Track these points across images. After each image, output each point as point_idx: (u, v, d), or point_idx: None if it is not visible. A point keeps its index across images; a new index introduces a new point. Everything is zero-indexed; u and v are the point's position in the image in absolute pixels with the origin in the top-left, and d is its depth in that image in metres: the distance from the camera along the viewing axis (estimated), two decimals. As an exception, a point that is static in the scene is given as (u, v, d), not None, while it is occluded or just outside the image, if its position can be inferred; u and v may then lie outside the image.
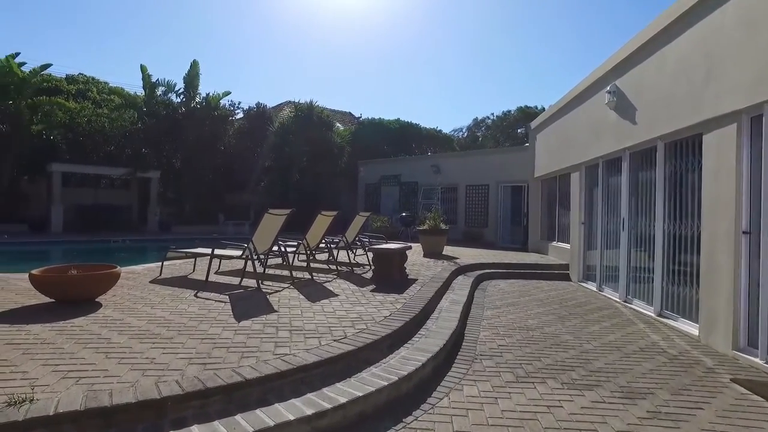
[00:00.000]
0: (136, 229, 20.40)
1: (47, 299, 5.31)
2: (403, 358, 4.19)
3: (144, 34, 72.88)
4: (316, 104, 23.16)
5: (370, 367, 3.91)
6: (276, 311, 5.25)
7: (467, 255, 12.61)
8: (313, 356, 3.72)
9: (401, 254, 7.93)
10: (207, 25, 75.26)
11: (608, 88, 7.82)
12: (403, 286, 7.29)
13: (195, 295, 5.94)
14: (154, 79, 20.93)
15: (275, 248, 7.21)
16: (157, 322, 4.59)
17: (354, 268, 8.83)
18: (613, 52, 8.03)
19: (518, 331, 5.74)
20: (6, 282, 6.70)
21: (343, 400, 3.19)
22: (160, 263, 7.93)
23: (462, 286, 8.34)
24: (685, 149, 6.06)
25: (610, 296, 8.19)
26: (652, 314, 6.60)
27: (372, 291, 6.78)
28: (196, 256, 7.50)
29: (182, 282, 6.97)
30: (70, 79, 23.61)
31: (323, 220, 7.83)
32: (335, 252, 8.78)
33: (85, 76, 24.50)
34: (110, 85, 24.38)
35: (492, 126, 40.30)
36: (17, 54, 18.85)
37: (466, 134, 42.48)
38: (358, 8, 71.09)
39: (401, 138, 28.76)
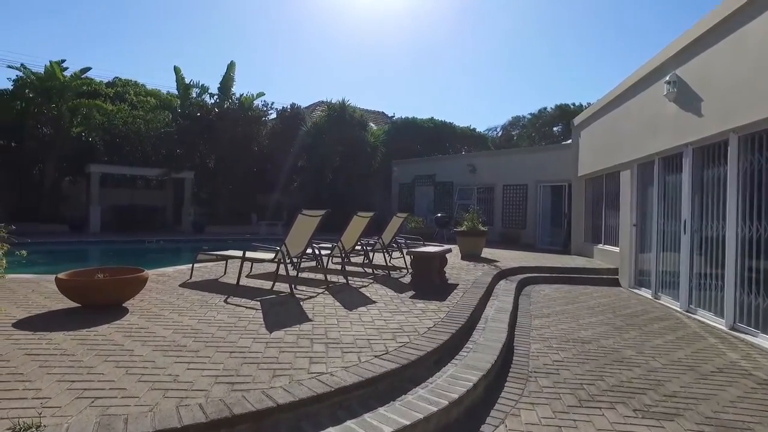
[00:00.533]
0: (171, 230, 20.54)
1: (74, 303, 5.08)
2: (451, 377, 3.74)
3: (178, 37, 74.36)
4: (349, 103, 22.87)
5: (416, 388, 3.48)
6: (310, 320, 4.88)
7: (507, 258, 12.04)
8: (353, 376, 3.31)
9: (441, 258, 7.47)
10: (240, 28, 76.25)
11: (667, 78, 7.16)
12: (444, 291, 6.84)
13: (225, 301, 5.63)
14: (187, 81, 21.04)
15: (309, 251, 6.85)
16: (184, 332, 4.27)
17: (391, 272, 8.42)
18: (661, 44, 7.38)
19: (572, 344, 5.21)
20: (37, 284, 6.55)
21: (387, 430, 2.77)
22: (190, 266, 7.69)
23: (506, 292, 7.82)
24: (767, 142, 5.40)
25: (668, 305, 7.53)
26: (723, 327, 5.94)
27: (412, 297, 6.35)
28: (226, 258, 7.23)
29: (212, 286, 6.69)
30: (109, 83, 24.02)
31: (359, 222, 7.44)
32: (371, 255, 8.38)
33: (122, 79, 24.90)
34: (146, 87, 24.72)
35: (527, 124, 39.27)
36: (63, 60, 19.26)
37: (500, 133, 41.57)
38: (390, 8, 70.72)
39: (435, 137, 28.23)
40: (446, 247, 8.44)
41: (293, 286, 6.37)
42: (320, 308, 5.47)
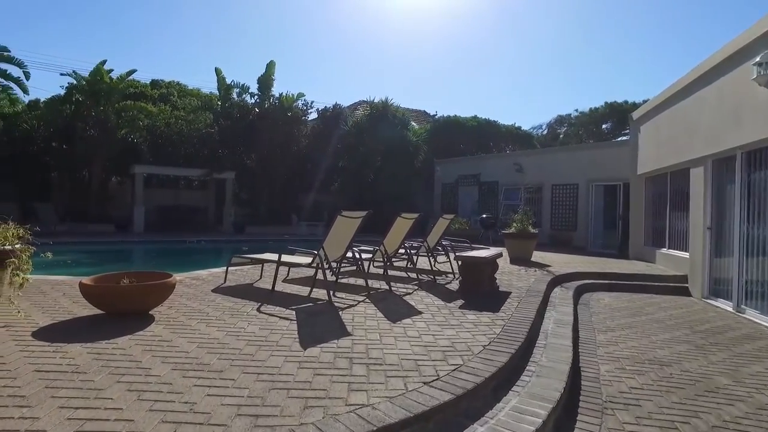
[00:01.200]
0: (212, 230, 20.58)
1: (99, 310, 4.75)
2: (515, 410, 3.14)
3: (219, 39, 75.81)
4: (392, 102, 22.37)
5: (475, 425, 2.90)
6: (350, 334, 4.36)
7: (559, 262, 11.23)
8: (399, 410, 2.76)
9: (493, 264, 6.83)
10: (281, 28, 77.04)
11: (757, 60, 6.26)
12: (496, 300, 6.21)
13: (257, 310, 5.19)
14: (228, 81, 21.06)
15: (348, 254, 6.36)
16: (210, 346, 3.83)
17: (436, 278, 7.83)
18: (715, 39, 6.46)
19: (649, 367, 4.50)
20: (71, 287, 6.32)
21: (444, 488, 2.21)
22: (223, 269, 7.33)
23: (563, 301, 7.10)
24: None
25: (757, 320, 6.61)
26: (832, 349, 5.06)
27: (461, 308, 5.74)
28: (262, 262, 6.82)
29: (246, 291, 6.28)
30: (154, 84, 24.40)
31: (403, 224, 6.89)
32: (415, 259, 7.80)
33: (166, 81, 25.27)
34: (189, 88, 24.98)
35: (575, 122, 37.68)
36: (104, 61, 19.57)
37: (546, 131, 40.12)
38: (432, 8, 69.85)
39: (479, 136, 27.34)
40: (497, 251, 7.78)
41: (331, 293, 5.88)
42: (361, 319, 4.95)
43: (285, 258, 6.06)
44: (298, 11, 76.09)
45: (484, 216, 17.63)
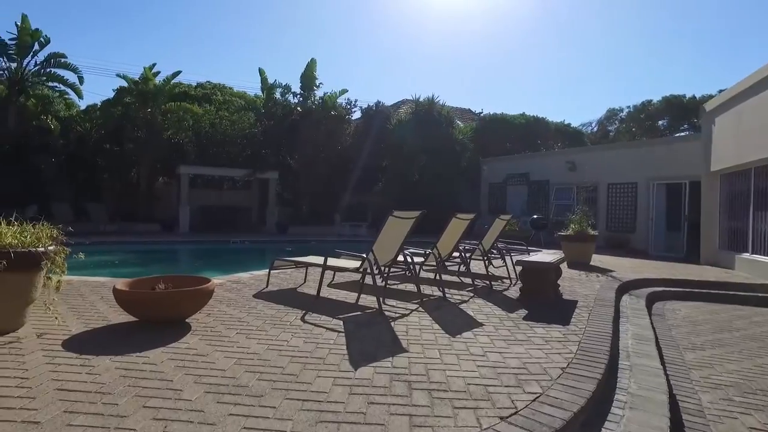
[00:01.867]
0: (256, 230, 20.52)
1: (133, 317, 4.42)
2: (616, 457, 2.53)
3: (262, 40, 76.79)
4: (437, 100, 21.75)
5: (571, 479, 2.31)
6: (405, 351, 3.83)
7: (622, 267, 10.37)
8: (477, 459, 2.21)
9: (557, 270, 6.17)
10: (322, 26, 77.35)
11: None
12: (563, 310, 5.56)
13: (302, 319, 4.74)
14: (271, 81, 20.96)
15: (399, 258, 5.84)
16: (249, 363, 3.39)
17: (492, 283, 7.21)
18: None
19: (765, 400, 3.76)
20: (109, 290, 6.06)
21: None
22: (266, 272, 6.95)
23: (636, 312, 6.36)
24: None
25: None
26: None
27: (526, 319, 5.13)
28: (306, 265, 6.39)
29: (290, 297, 5.86)
30: (199, 86, 24.69)
31: (458, 225, 6.33)
32: (468, 262, 7.20)
33: (211, 82, 25.54)
34: (233, 89, 25.15)
35: (627, 118, 35.86)
36: (154, 65, 19.88)
37: (596, 128, 38.45)
38: (476, 6, 68.60)
39: (526, 134, 26.37)
40: (558, 255, 7.09)
41: (381, 300, 5.37)
42: (416, 331, 4.42)
43: (331, 262, 5.60)
44: (339, 10, 76.29)
45: (535, 217, 16.77)
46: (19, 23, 17.72)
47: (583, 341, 4.29)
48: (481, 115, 30.84)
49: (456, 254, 6.97)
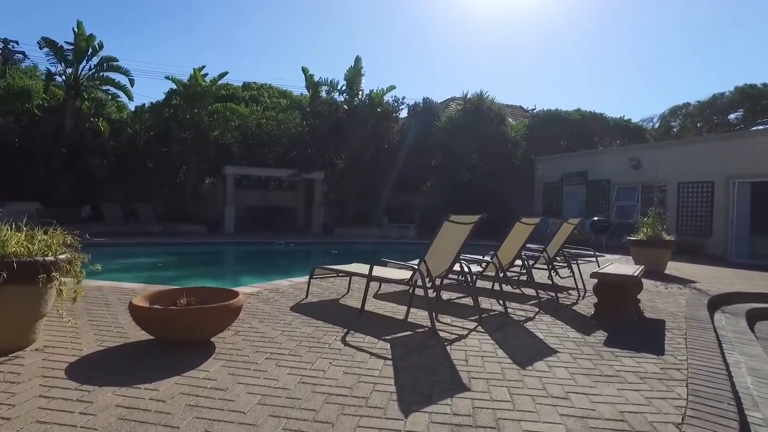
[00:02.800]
0: (301, 231, 20.19)
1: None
2: None
3: (305, 36, 77.07)
4: (487, 96, 20.76)
5: None
6: (467, 388, 3.10)
7: (704, 276, 9.21)
8: None
9: (639, 283, 5.24)
10: (367, 23, 76.95)
11: None
12: (650, 333, 4.70)
13: (343, 340, 4.08)
14: (316, 79, 20.56)
15: (456, 267, 5.09)
16: (276, 401, 2.76)
17: (558, 295, 6.34)
18: None
19: None
20: (140, 297, 5.64)
21: None
22: (307, 279, 6.36)
23: (740, 336, 5.33)
24: None
25: None
26: None
27: (607, 344, 4.27)
28: (349, 275, 5.73)
29: (331, 311, 5.23)
30: (246, 87, 24.69)
31: (522, 230, 5.52)
32: (529, 271, 6.34)
33: (257, 83, 25.50)
34: (279, 89, 24.99)
35: (694, 112, 33.40)
36: (203, 67, 19.89)
37: (657, 124, 36.11)
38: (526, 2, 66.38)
39: (582, 131, 24.89)
40: (637, 266, 6.14)
41: (434, 316, 4.63)
42: (477, 360, 3.67)
43: (377, 272, 4.92)
44: (385, 7, 75.69)
45: (596, 219, 15.55)
46: (75, 29, 18.09)
47: (692, 381, 3.41)
48: (534, 111, 29.47)
49: (517, 262, 6.14)
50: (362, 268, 5.36)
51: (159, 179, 19.43)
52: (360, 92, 20.88)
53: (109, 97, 20.49)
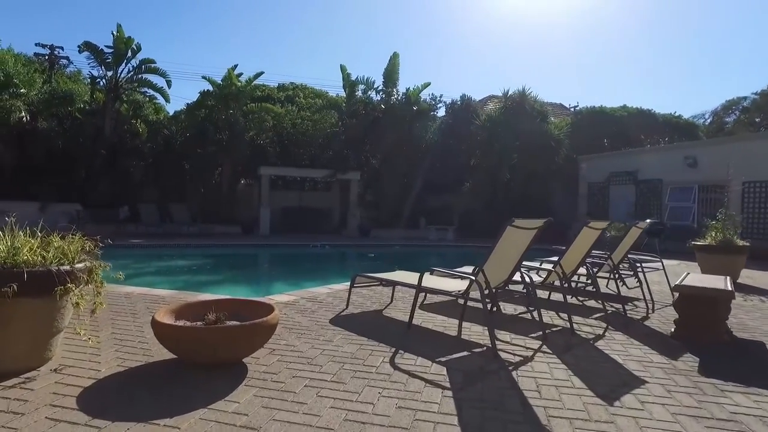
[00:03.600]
0: (337, 233, 19.82)
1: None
2: None
3: (342, 34, 76.88)
4: (530, 93, 19.92)
5: None
6: (547, 430, 2.53)
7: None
8: None
9: (732, 298, 4.53)
10: (403, 20, 76.16)
11: None
12: (752, 359, 4.00)
13: (391, 362, 3.56)
14: (353, 78, 20.17)
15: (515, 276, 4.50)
16: (317, 452, 2.25)
17: (625, 307, 5.65)
18: None
19: None
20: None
21: None
22: (346, 286, 5.89)
23: None
24: None
25: None
26: None
27: (703, 373, 3.59)
28: (393, 284, 5.21)
29: (375, 324, 4.72)
30: (281, 87, 24.55)
31: (589, 235, 4.88)
32: (594, 281, 5.67)
33: (293, 83, 25.33)
34: (315, 89, 24.75)
35: (752, 107, 31.43)
36: (236, 66, 19.78)
37: (709, 120, 34.21)
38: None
39: (628, 128, 23.71)
40: (722, 276, 5.40)
41: (493, 332, 4.05)
42: (550, 391, 3.09)
43: (427, 282, 4.38)
44: (420, 4, 74.73)
45: (649, 221, 14.54)
46: (115, 32, 18.25)
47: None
48: (576, 108, 28.32)
49: (581, 270, 5.49)
50: (408, 277, 4.84)
51: (194, 180, 19.42)
52: (396, 90, 20.38)
53: (147, 99, 20.63)
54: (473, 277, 3.96)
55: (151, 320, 3.33)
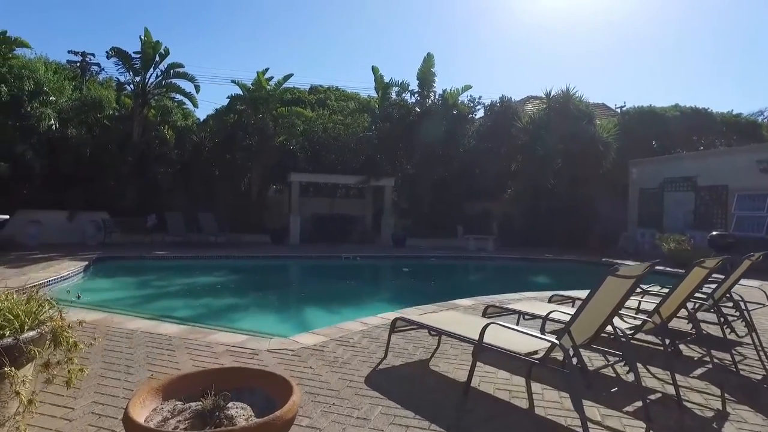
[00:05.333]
0: (370, 241, 18.90)
1: None
2: None
3: (374, 35, 75.96)
4: (575, 92, 18.60)
5: None
6: None
7: None
8: None
9: None
10: (437, 18, 74.81)
11: None
12: None
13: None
14: (387, 80, 19.23)
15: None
16: None
17: (735, 358, 4.49)
18: None
19: None
20: (175, 351, 4.45)
21: None
22: (383, 320, 4.95)
23: None
24: None
25: None
26: None
27: None
28: (441, 334, 4.18)
29: (421, 385, 3.76)
30: (312, 90, 23.87)
31: (698, 276, 3.79)
32: (697, 326, 4.53)
33: (323, 86, 24.63)
34: (346, 91, 23.96)
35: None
36: (266, 69, 19.14)
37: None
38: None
39: (682, 129, 21.98)
40: None
41: (583, 412, 3.01)
42: None
43: (491, 338, 3.38)
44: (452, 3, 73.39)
45: (715, 233, 13.16)
46: (142, 37, 17.85)
47: None
48: (623, 109, 26.66)
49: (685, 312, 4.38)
50: (461, 322, 3.86)
51: (223, 187, 18.82)
52: (432, 92, 19.36)
53: (175, 104, 20.22)
54: (557, 341, 2.95)
55: (123, 417, 2.44)
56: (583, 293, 6.83)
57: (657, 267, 5.22)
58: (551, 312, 3.98)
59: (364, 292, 10.19)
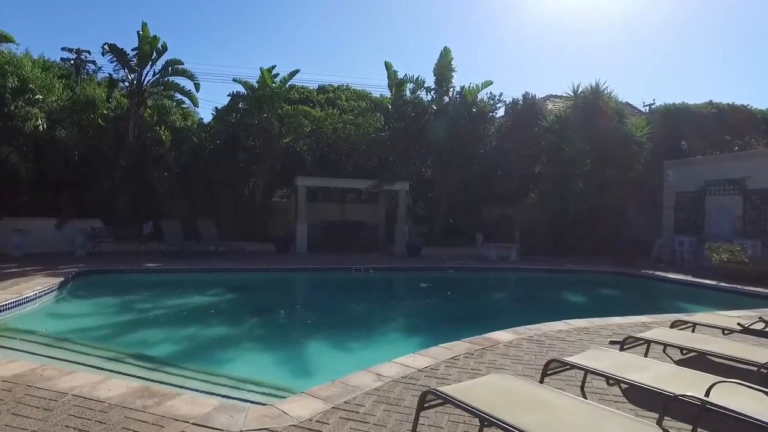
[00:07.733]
0: (382, 250, 17.47)
1: None
2: None
3: (387, 30, 73.98)
4: (605, 89, 17.08)
5: None
6: None
7: None
8: None
9: None
10: (454, 12, 72.88)
11: None
12: None
13: None
14: (401, 76, 17.82)
15: None
16: None
17: None
18: None
19: None
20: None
21: None
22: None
23: None
24: None
25: None
26: None
27: None
28: (494, 424, 2.75)
29: None
30: (321, 89, 22.61)
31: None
32: None
33: (333, 85, 23.36)
34: (357, 90, 22.64)
35: None
36: (273, 67, 17.87)
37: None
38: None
39: (718, 126, 20.35)
40: None
41: None
42: None
43: None
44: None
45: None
46: (140, 32, 16.69)
47: None
48: (652, 107, 25.01)
49: None
50: (520, 395, 2.44)
51: (224, 193, 17.50)
52: (450, 89, 17.89)
53: (174, 103, 19.00)
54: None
55: None
56: (681, 316, 5.47)
57: (721, 283, 3.77)
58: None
59: (375, 318, 8.72)
